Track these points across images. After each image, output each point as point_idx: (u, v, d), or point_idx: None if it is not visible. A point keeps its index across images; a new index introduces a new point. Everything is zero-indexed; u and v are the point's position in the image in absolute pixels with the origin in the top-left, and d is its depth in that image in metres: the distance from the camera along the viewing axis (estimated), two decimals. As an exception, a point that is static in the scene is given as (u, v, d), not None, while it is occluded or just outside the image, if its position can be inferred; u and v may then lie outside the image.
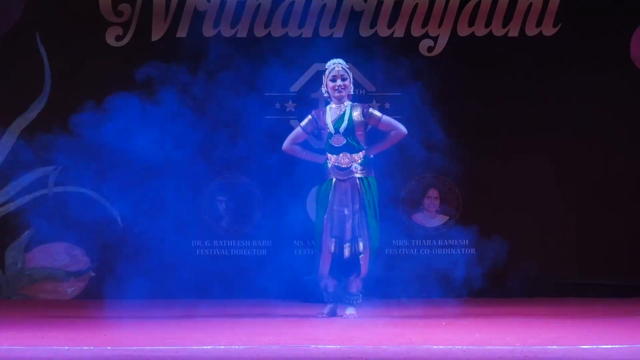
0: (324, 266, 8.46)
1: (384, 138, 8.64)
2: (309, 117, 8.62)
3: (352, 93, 8.63)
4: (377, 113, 8.55)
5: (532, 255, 9.90)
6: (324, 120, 8.52)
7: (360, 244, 8.43)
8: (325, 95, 8.62)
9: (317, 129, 8.59)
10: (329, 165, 8.51)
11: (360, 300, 8.60)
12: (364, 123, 8.50)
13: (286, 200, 9.92)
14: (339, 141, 8.49)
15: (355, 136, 8.49)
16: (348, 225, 8.43)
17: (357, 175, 8.46)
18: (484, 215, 9.90)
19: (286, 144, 8.64)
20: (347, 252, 8.42)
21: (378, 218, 8.54)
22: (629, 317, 8.55)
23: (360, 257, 8.45)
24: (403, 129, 8.59)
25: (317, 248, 8.54)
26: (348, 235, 8.44)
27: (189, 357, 6.54)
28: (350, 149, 8.48)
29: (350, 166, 8.46)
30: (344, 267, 8.52)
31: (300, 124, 8.65)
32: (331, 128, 8.48)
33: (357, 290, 8.56)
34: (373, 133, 8.62)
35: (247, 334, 7.49)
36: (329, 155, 8.52)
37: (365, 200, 8.46)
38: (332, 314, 8.58)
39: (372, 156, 8.57)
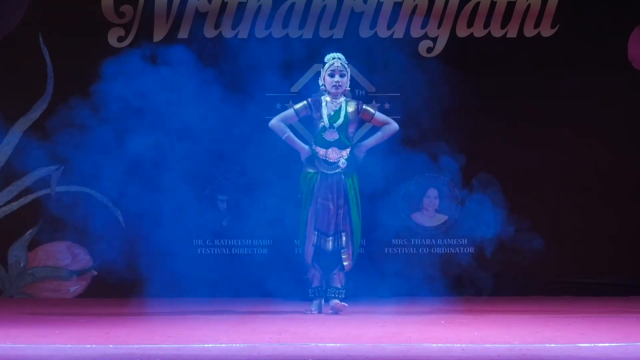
0: (308, 256, 8.58)
1: (376, 133, 8.78)
2: (305, 102, 8.73)
3: (349, 89, 8.77)
4: (370, 109, 8.73)
5: (530, 254, 9.92)
6: (320, 112, 8.61)
7: (343, 239, 8.54)
8: (322, 88, 8.72)
9: (309, 116, 8.70)
10: (316, 158, 8.61)
11: (343, 295, 8.66)
12: (358, 119, 8.67)
13: (286, 200, 9.95)
14: (332, 136, 8.62)
15: (347, 132, 8.63)
16: (332, 220, 8.54)
17: (343, 170, 8.56)
18: (482, 214, 9.92)
19: (274, 121, 8.74)
20: (329, 245, 8.54)
21: (360, 215, 8.65)
22: (627, 316, 8.58)
23: (342, 251, 8.56)
24: (395, 124, 8.76)
25: (301, 239, 8.69)
26: (331, 230, 8.55)
27: (190, 355, 6.57)
28: (340, 144, 8.62)
29: (338, 161, 8.57)
30: (328, 261, 8.60)
31: (295, 106, 8.77)
32: (326, 122, 8.59)
33: (340, 284, 8.65)
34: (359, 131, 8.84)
35: (248, 332, 7.52)
36: (318, 148, 8.61)
37: (350, 196, 8.58)
38: (320, 310, 8.65)
39: (364, 152, 8.70)
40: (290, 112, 8.76)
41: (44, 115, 10.07)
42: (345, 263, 8.60)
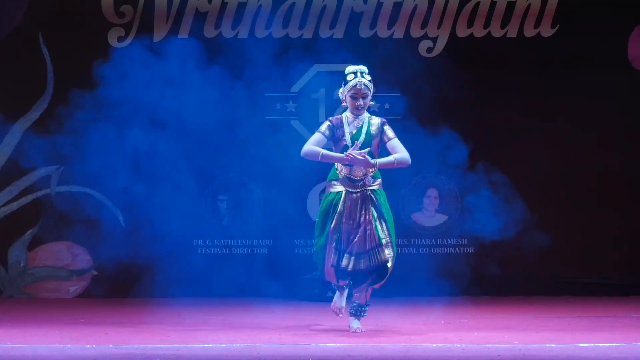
0: (329, 277, 7.97)
1: (389, 158, 8.00)
2: (328, 123, 8.02)
3: (372, 102, 8.08)
4: (390, 133, 8.04)
5: (530, 254, 9.93)
6: (342, 131, 8.01)
7: (386, 251, 7.87)
8: (344, 105, 8.05)
9: (333, 136, 8.02)
10: (340, 176, 8.03)
11: (366, 313, 7.97)
12: (380, 137, 8.04)
13: (286, 200, 9.96)
14: None
15: (371, 150, 8.02)
16: (354, 239, 7.90)
17: (369, 187, 8.02)
18: (482, 214, 9.93)
19: (305, 148, 7.97)
20: (350, 264, 7.90)
21: (393, 229, 8.02)
22: (626, 316, 8.58)
23: (388, 265, 7.90)
24: (409, 158, 8.05)
25: (319, 261, 8.01)
26: (355, 249, 7.91)
27: (190, 355, 6.57)
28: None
29: (364, 179, 8.00)
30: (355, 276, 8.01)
31: (320, 129, 8.00)
32: (349, 141, 7.96)
33: (366, 300, 8.02)
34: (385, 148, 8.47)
35: (248, 332, 7.52)
36: (341, 166, 8.03)
37: (383, 210, 7.97)
38: (340, 303, 7.99)
39: (370, 163, 7.96)
40: (317, 136, 7.97)
41: (44, 115, 10.08)
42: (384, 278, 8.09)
